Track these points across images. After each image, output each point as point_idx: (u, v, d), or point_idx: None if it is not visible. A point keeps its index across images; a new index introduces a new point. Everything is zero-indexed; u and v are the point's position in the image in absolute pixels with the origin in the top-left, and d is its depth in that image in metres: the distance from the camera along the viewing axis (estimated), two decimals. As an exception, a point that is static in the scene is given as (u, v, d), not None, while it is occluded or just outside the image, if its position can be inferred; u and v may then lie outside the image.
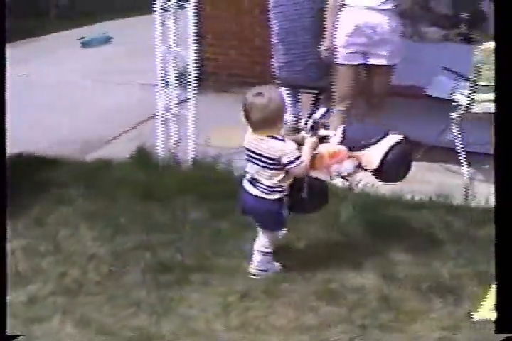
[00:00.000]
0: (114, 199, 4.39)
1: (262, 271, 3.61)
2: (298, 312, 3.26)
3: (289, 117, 5.58)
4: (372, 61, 4.66)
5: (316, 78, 5.26)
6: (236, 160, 4.87)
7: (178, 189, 4.47)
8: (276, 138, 3.38)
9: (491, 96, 4.65)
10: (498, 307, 2.29)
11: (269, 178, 3.42)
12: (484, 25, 5.65)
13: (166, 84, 5.01)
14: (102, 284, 3.48)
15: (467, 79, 4.64)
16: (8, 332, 2.74)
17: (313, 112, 5.38)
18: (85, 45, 9.95)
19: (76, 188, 4.54)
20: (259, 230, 3.60)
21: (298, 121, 5.53)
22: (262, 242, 3.59)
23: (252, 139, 3.46)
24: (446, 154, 5.05)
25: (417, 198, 4.49)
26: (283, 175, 3.40)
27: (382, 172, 3.64)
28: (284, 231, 3.58)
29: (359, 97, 4.79)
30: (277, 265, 3.68)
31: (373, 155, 3.61)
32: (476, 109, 4.64)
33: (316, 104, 5.44)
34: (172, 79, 4.99)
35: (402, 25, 4.93)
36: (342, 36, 4.64)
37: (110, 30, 10.59)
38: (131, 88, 7.27)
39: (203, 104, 5.05)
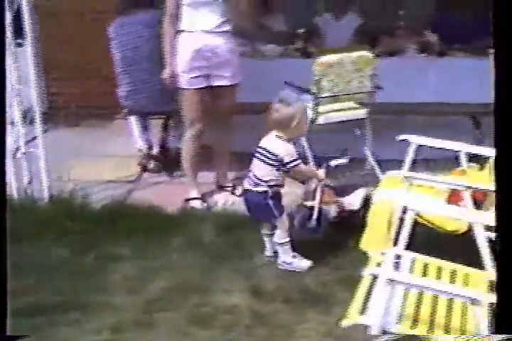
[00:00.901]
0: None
1: (287, 264, 3.88)
2: (173, 340, 3.25)
3: (140, 144, 5.58)
4: (216, 83, 4.71)
5: (162, 104, 5.28)
6: (94, 194, 4.83)
7: (37, 227, 4.36)
8: (282, 140, 3.79)
9: (334, 106, 4.86)
10: (498, 307, 2.30)
11: (261, 171, 3.83)
12: (319, 40, 5.89)
13: (12, 122, 4.89)
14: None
15: (309, 92, 4.78)
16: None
17: (164, 137, 5.44)
18: None
19: None
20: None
21: (150, 148, 5.53)
22: (276, 234, 3.91)
23: (265, 138, 3.88)
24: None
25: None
26: (276, 173, 3.81)
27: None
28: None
29: (208, 119, 4.81)
30: (305, 261, 3.88)
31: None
32: (321, 120, 4.78)
33: (165, 130, 5.49)
34: (17, 117, 4.88)
35: (242, 44, 5.05)
36: (183, 61, 4.66)
37: None
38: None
39: (56, 139, 4.95)
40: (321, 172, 3.99)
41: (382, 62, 5.16)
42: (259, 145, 3.87)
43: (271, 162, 3.80)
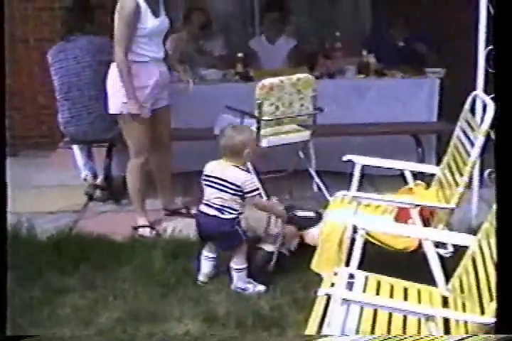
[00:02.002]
0: None
1: (241, 289, 3.85)
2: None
3: (85, 173, 5.52)
4: (159, 105, 4.69)
5: (105, 131, 5.22)
6: (39, 225, 4.75)
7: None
8: (240, 169, 3.80)
9: (276, 129, 4.89)
10: (498, 307, 2.29)
11: (225, 201, 3.80)
12: (257, 63, 5.93)
13: None
14: None
15: (251, 115, 4.81)
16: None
17: (108, 165, 5.39)
18: None
19: None
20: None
21: (95, 176, 5.48)
22: (233, 259, 3.87)
23: (216, 167, 3.86)
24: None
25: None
26: (239, 200, 3.80)
27: None
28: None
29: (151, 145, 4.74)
30: (260, 286, 3.85)
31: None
32: (264, 143, 4.80)
33: (109, 157, 5.44)
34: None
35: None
36: (144, 92, 4.58)
37: None
38: None
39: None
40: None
41: (322, 83, 5.23)
42: (212, 174, 3.83)
43: (232, 192, 3.78)
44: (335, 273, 3.18)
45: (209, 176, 3.85)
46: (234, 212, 3.82)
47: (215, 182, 3.81)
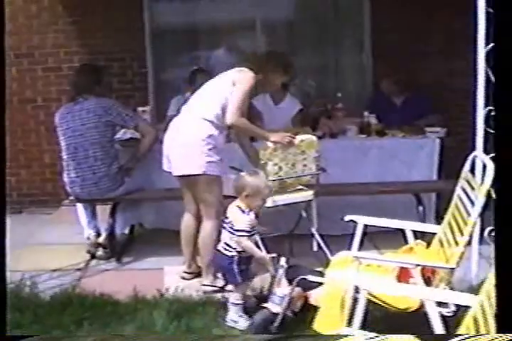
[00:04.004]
0: None
1: (233, 321, 4.06)
2: None
3: (88, 232, 5.56)
4: None
5: (109, 190, 5.31)
6: (42, 283, 4.76)
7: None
8: (239, 209, 4.07)
9: (279, 190, 4.91)
10: (498, 307, 2.28)
11: (226, 237, 4.10)
12: (261, 123, 5.99)
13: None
14: None
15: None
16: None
17: (112, 224, 5.43)
18: None
19: None
20: None
21: (98, 235, 5.51)
22: (232, 294, 4.15)
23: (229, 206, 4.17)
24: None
25: (227, 296, 4.54)
26: (235, 239, 4.03)
27: None
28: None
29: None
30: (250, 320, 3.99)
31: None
32: (269, 203, 4.81)
33: (113, 216, 5.48)
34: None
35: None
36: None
37: None
38: None
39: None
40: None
41: (324, 143, 5.31)
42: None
43: (228, 229, 4.08)
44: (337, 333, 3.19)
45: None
46: (231, 249, 4.06)
47: (223, 221, 4.18)
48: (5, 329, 2.58)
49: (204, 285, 4.71)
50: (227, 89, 4.63)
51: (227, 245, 4.09)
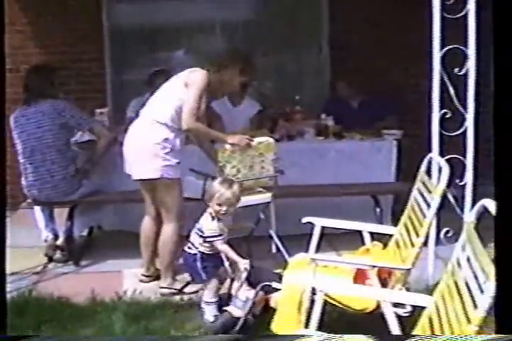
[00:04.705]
0: None
1: (210, 322, 4.07)
2: None
3: (46, 234, 5.52)
4: None
5: (67, 193, 5.28)
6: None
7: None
8: (210, 215, 4.15)
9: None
10: (499, 307, 2.29)
11: (194, 239, 4.19)
12: (219, 125, 6.01)
13: None
14: None
15: (213, 178, 4.86)
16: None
17: (69, 227, 5.40)
18: None
19: None
20: None
21: (56, 238, 5.48)
22: (204, 293, 4.22)
23: None
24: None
25: (185, 298, 4.56)
26: (199, 240, 4.16)
27: None
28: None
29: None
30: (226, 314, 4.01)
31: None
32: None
33: (71, 219, 5.45)
34: None
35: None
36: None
37: None
38: None
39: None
40: (245, 263, 4.04)
41: (282, 146, 5.34)
42: None
43: (200, 234, 4.14)
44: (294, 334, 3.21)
45: None
46: (194, 248, 4.18)
47: (195, 223, 4.25)
48: (5, 329, 2.56)
49: (162, 287, 4.71)
50: (179, 90, 4.60)
51: (192, 244, 4.18)
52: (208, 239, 4.11)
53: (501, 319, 2.33)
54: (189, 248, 4.21)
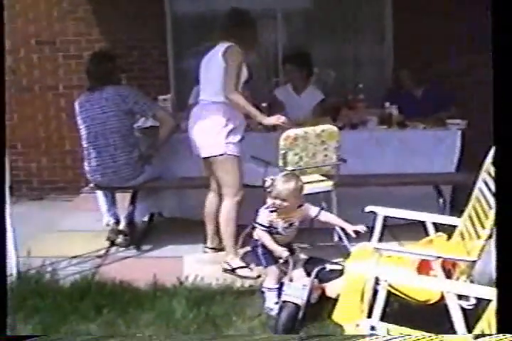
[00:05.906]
0: None
1: (270, 309, 4.10)
2: None
3: (108, 219, 5.58)
4: None
5: (129, 178, 5.33)
6: (62, 269, 4.80)
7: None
8: (265, 207, 4.22)
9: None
10: (498, 307, 2.29)
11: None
12: (282, 113, 5.98)
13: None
14: None
15: (275, 165, 4.86)
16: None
17: (131, 212, 5.45)
18: None
19: None
20: None
21: (118, 222, 5.54)
22: (265, 280, 4.27)
23: None
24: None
25: (246, 285, 4.57)
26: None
27: None
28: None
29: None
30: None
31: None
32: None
33: (133, 203, 5.51)
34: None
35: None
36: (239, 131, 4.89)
37: None
38: None
39: (18, 213, 4.90)
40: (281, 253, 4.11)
41: (344, 134, 5.29)
42: None
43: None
44: (357, 324, 3.19)
45: None
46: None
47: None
48: (5, 329, 2.58)
49: (226, 262, 4.83)
50: (222, 65, 4.75)
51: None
52: (255, 224, 4.23)
53: (501, 319, 2.33)
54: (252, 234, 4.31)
